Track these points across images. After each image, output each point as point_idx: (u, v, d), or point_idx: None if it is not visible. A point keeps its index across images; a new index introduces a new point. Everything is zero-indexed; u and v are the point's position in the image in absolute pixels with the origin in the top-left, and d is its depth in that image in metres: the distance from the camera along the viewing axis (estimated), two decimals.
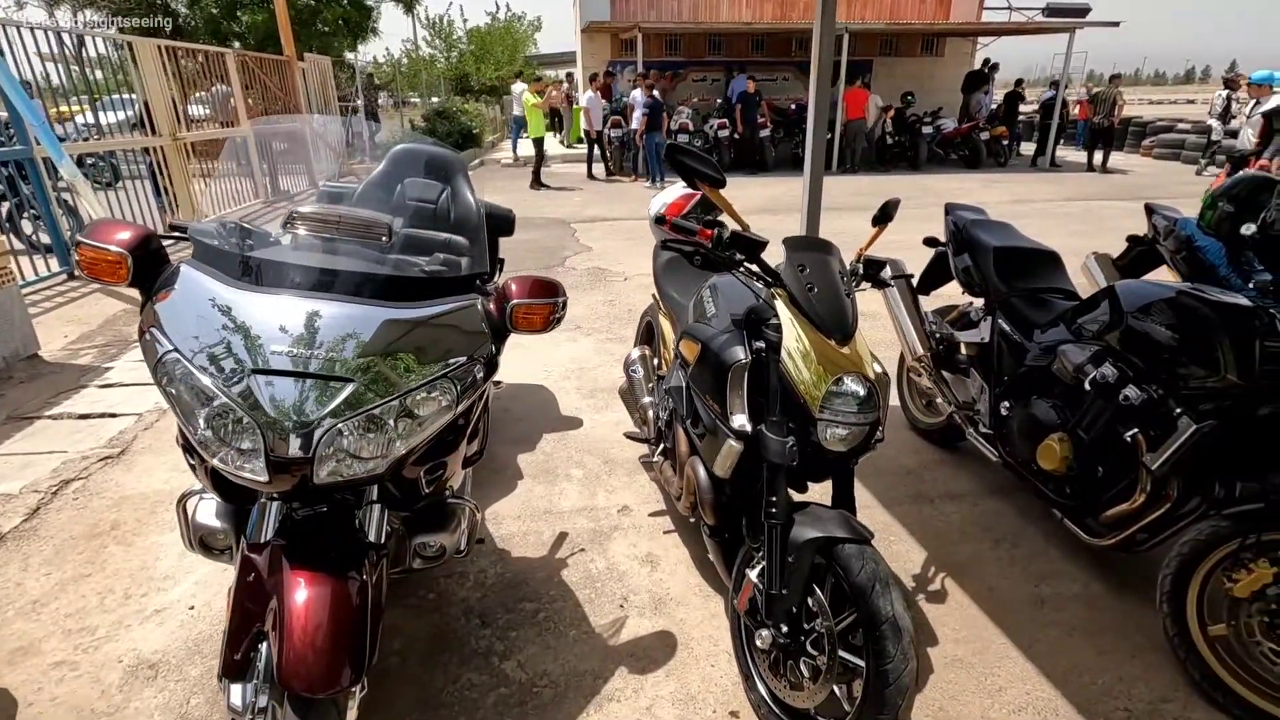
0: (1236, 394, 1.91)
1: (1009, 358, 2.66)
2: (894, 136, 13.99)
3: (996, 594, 2.32)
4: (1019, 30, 16.21)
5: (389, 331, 1.61)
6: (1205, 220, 3.05)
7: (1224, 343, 1.91)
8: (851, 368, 1.71)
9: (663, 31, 15.79)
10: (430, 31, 27.01)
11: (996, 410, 2.66)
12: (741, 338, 1.86)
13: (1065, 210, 9.53)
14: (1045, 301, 2.66)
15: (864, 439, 1.75)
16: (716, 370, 1.86)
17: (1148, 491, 2.06)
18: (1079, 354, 2.30)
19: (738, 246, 1.77)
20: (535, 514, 2.75)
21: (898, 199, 2.15)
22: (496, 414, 3.55)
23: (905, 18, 16.50)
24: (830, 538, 1.64)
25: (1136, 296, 2.19)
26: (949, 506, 2.80)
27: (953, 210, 3.18)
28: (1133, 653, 2.07)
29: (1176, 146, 15.12)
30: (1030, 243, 2.91)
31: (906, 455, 3.19)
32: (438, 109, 17.62)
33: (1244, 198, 2.88)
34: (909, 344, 2.99)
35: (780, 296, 1.79)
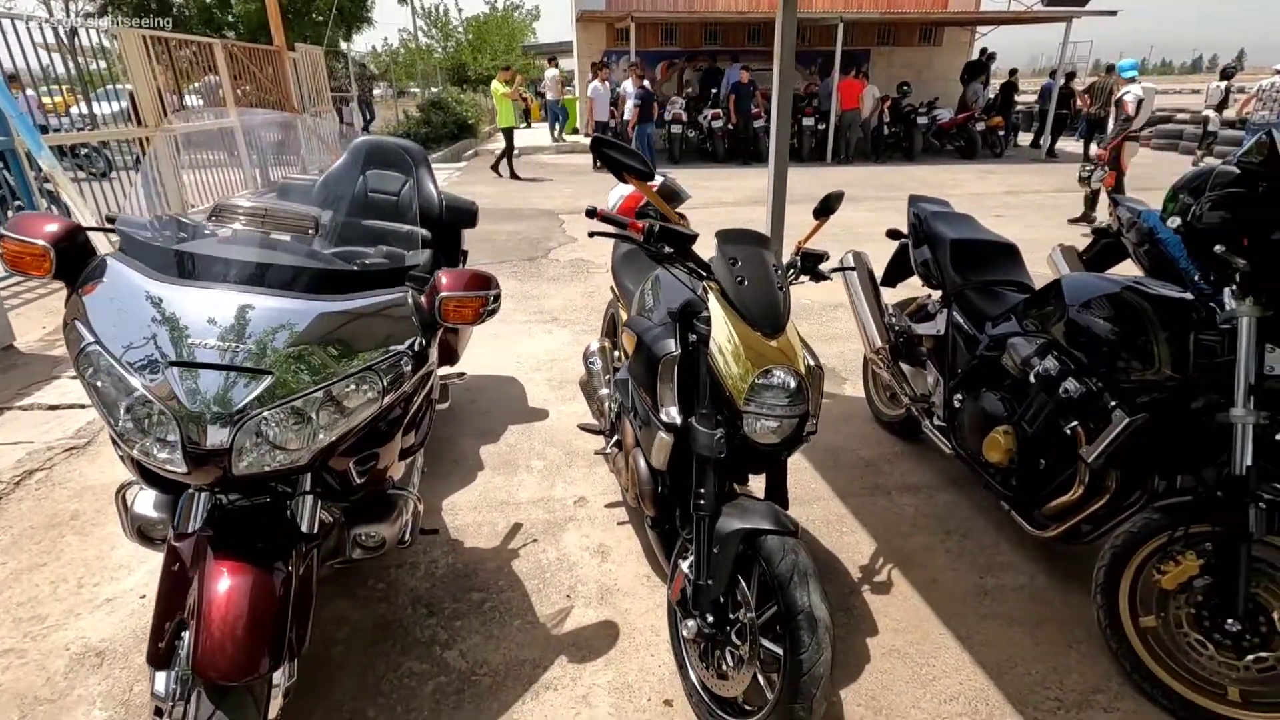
0: (1171, 387, 1.92)
1: (962, 350, 2.67)
2: (890, 127, 13.92)
3: (941, 585, 2.33)
4: (1017, 19, 16.09)
5: (318, 325, 1.62)
6: (1167, 213, 3.05)
7: (1159, 335, 1.92)
8: (781, 360, 1.72)
9: (657, 20, 15.70)
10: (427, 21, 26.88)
11: (950, 402, 2.67)
12: (674, 330, 1.87)
13: (1056, 202, 9.49)
14: (999, 294, 2.66)
15: (794, 431, 1.76)
16: (649, 363, 1.87)
17: (1086, 484, 2.07)
18: (1026, 347, 2.30)
19: (667, 240, 1.77)
20: (492, 505, 2.77)
21: (840, 192, 2.15)
22: (463, 405, 3.57)
23: (902, 7, 16.37)
24: (754, 529, 1.66)
25: (1081, 290, 2.19)
26: (905, 498, 2.81)
27: (915, 202, 3.18)
28: (1069, 644, 2.09)
29: (1174, 137, 15.03)
30: (988, 235, 2.91)
31: (868, 447, 3.20)
32: (433, 99, 17.57)
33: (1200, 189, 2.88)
34: (868, 336, 3.00)
35: (711, 289, 1.80)
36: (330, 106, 13.81)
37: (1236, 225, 1.71)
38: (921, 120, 13.70)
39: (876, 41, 16.98)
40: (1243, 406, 1.72)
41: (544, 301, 5.30)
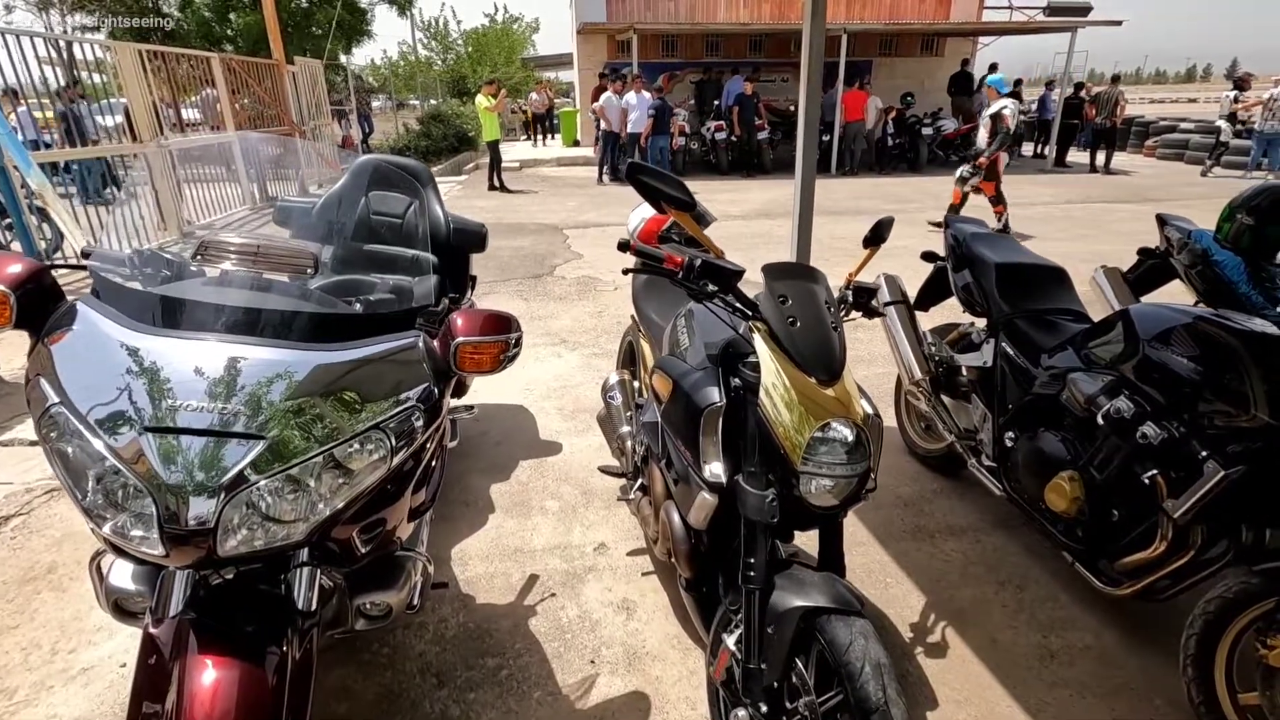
0: (1268, 434, 1.72)
1: (1013, 384, 2.47)
2: (894, 138, 13.79)
3: (1000, 646, 2.12)
4: (1020, 30, 16.02)
5: (317, 377, 1.43)
6: (1223, 233, 2.86)
7: (1253, 376, 1.72)
8: (838, 411, 1.52)
9: (659, 32, 15.61)
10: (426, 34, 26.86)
11: (1000, 441, 2.47)
12: (717, 376, 1.67)
13: (1068, 214, 9.34)
14: (1053, 323, 2.46)
15: (853, 491, 1.56)
16: (689, 412, 1.67)
17: (1169, 540, 1.87)
18: (1091, 384, 2.11)
19: (709, 277, 1.58)
20: (505, 553, 2.56)
21: (891, 218, 1.96)
22: (472, 437, 3.37)
23: (905, 17, 16.31)
24: (815, 607, 1.45)
25: (1153, 322, 1.99)
26: (950, 543, 2.60)
27: (952, 223, 2.99)
28: (1152, 717, 1.88)
29: (1180, 146, 14.92)
30: (1035, 258, 2.71)
31: (905, 484, 2.99)
32: (433, 112, 17.47)
33: (1265, 209, 2.69)
34: (906, 367, 2.80)
35: (758, 330, 1.60)
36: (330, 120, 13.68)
37: None
38: (926, 131, 13.57)
39: (879, 52, 16.90)
40: None
41: (551, 322, 5.11)
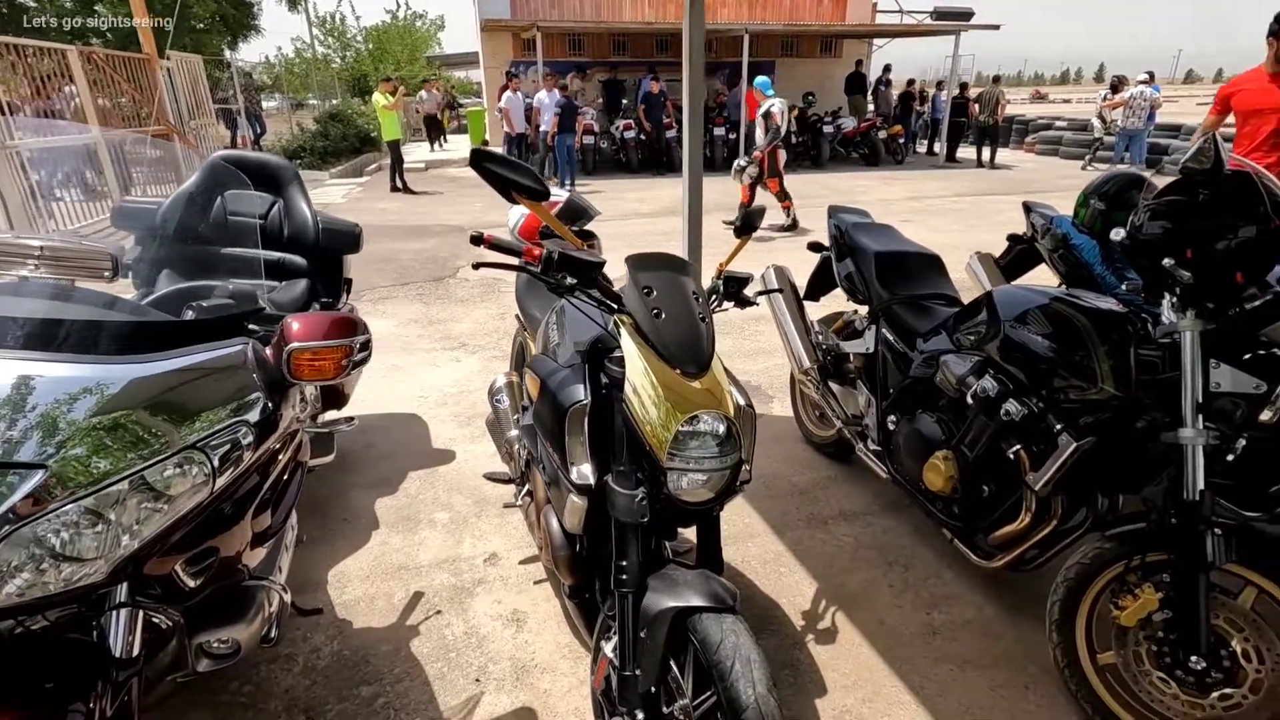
0: (1115, 406, 1.81)
1: (894, 369, 2.53)
2: (798, 136, 14.18)
3: (888, 627, 2.16)
4: (909, 32, 16.82)
5: (131, 394, 1.27)
6: (1079, 218, 3.03)
7: (1099, 351, 1.81)
8: (708, 403, 1.48)
9: (564, 30, 15.46)
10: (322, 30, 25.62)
11: (884, 425, 2.52)
12: (583, 374, 1.60)
13: (958, 206, 9.85)
14: (927, 308, 2.54)
15: (726, 483, 1.52)
16: (555, 412, 1.60)
17: (1033, 511, 1.94)
18: (961, 365, 2.17)
19: (568, 270, 1.50)
20: (388, 571, 2.40)
21: (762, 208, 1.95)
22: (356, 451, 3.17)
23: (804, 19, 16.81)
24: (687, 608, 1.41)
25: (1012, 304, 2.07)
26: (842, 528, 2.64)
27: (835, 213, 3.05)
28: (1026, 685, 1.95)
29: (1056, 143, 16.06)
30: (912, 246, 2.80)
31: (801, 473, 3.02)
32: (331, 111, 16.67)
33: (1114, 195, 2.86)
34: (795, 356, 2.83)
35: (623, 324, 1.54)
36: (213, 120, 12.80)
37: (1179, 235, 1.60)
38: (827, 129, 14.04)
39: (780, 53, 17.35)
40: (1192, 427, 1.62)
41: (451, 326, 4.92)
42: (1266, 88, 3.75)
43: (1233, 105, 3.90)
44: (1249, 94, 3.82)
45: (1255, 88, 3.78)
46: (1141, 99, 12.06)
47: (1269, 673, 1.57)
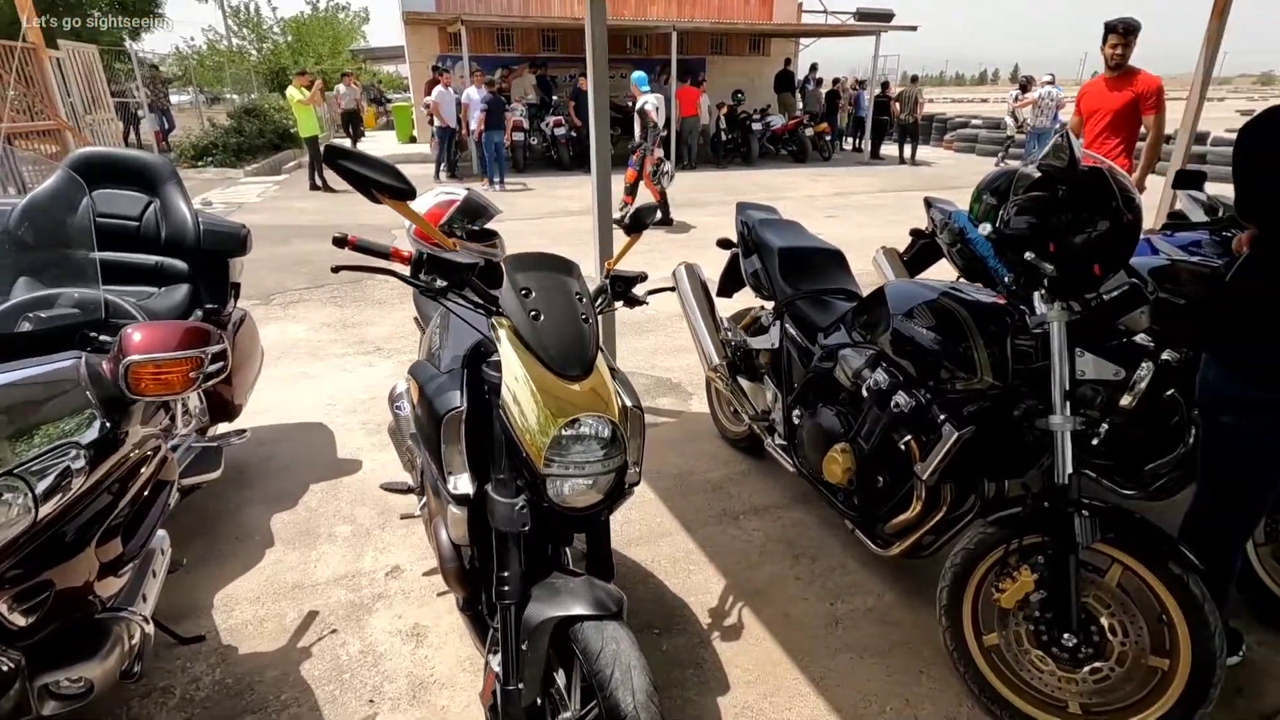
0: (995, 395, 1.87)
1: (797, 363, 2.56)
2: (728, 133, 14.37)
3: (792, 620, 2.18)
4: (833, 32, 17.25)
5: None
6: (973, 213, 3.15)
7: (978, 342, 1.86)
8: (591, 406, 1.44)
9: (491, 25, 15.18)
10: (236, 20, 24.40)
11: (789, 419, 2.55)
12: (461, 379, 1.55)
13: (880, 201, 10.16)
14: (828, 303, 2.58)
15: (612, 487, 1.49)
16: (432, 419, 1.53)
17: (924, 500, 1.99)
18: (856, 358, 2.21)
19: (439, 272, 1.44)
20: (281, 591, 2.28)
21: (652, 205, 1.93)
22: (253, 465, 3.01)
23: (732, 18, 17.01)
24: (567, 617, 1.37)
25: (902, 298, 2.12)
26: (753, 522, 2.66)
27: (743, 210, 3.07)
28: (920, 669, 2.00)
29: (972, 140, 16.78)
30: (815, 242, 2.84)
31: (716, 468, 3.04)
32: (247, 106, 15.89)
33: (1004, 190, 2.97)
34: (705, 353, 2.83)
35: (501, 327, 1.49)
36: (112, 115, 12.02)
37: (1042, 230, 1.67)
38: (756, 127, 14.26)
39: (710, 51, 17.53)
40: (1060, 414, 1.69)
41: (366, 329, 4.74)
42: (1103, 90, 4.19)
43: (1079, 107, 4.36)
44: (1091, 97, 4.32)
45: (1095, 91, 4.29)
46: (1049, 99, 12.70)
47: (1132, 645, 1.65)
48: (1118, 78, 4.15)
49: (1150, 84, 4.11)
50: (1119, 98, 4.13)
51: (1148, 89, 4.10)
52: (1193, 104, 4.27)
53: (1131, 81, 4.12)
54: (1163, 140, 4.34)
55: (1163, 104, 4.16)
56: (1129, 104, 4.11)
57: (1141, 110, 4.11)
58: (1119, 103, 4.13)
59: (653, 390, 3.82)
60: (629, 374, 4.02)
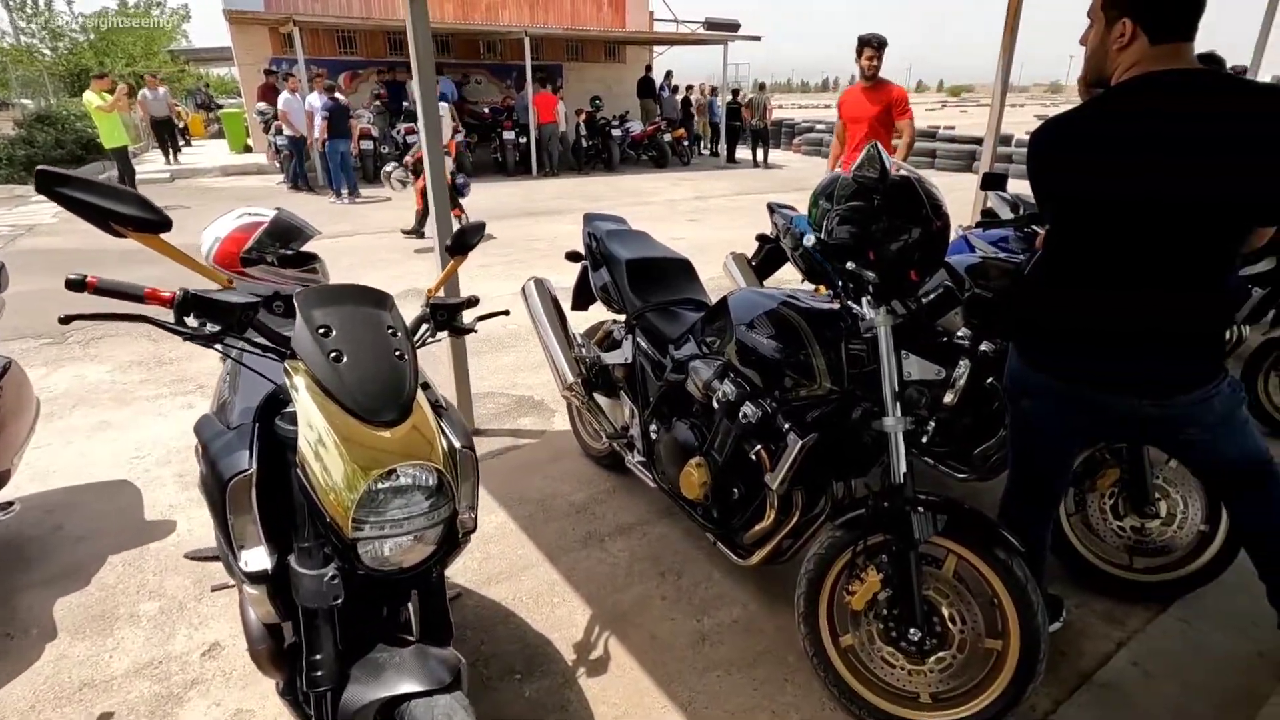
0: (835, 400, 1.90)
1: (651, 377, 2.52)
2: (588, 140, 14.37)
3: (660, 641, 2.12)
4: (684, 40, 17.77)
5: None
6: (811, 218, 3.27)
7: (815, 349, 1.89)
8: (410, 453, 1.29)
9: (328, 27, 14.24)
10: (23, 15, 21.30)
11: (647, 434, 2.50)
12: (251, 436, 1.34)
13: (737, 204, 10.53)
14: (677, 314, 2.55)
15: (442, 540, 1.35)
16: (216, 485, 1.32)
17: (776, 508, 2.00)
18: (706, 370, 2.19)
19: (207, 314, 1.23)
20: (64, 694, 1.92)
21: (479, 224, 1.80)
22: (36, 539, 2.54)
23: (585, 24, 17.06)
24: (392, 698, 1.22)
25: (745, 307, 2.12)
26: (619, 543, 2.59)
27: (590, 221, 2.99)
28: (785, 678, 2.00)
29: (818, 144, 17.87)
30: (663, 251, 2.81)
31: (580, 489, 2.94)
32: (40, 113, 13.89)
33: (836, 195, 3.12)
34: (559, 371, 2.73)
35: (295, 372, 1.30)
36: None
37: (862, 238, 1.71)
38: (616, 133, 14.36)
39: (566, 57, 17.49)
40: (891, 415, 1.74)
41: (187, 365, 4.21)
42: (860, 99, 4.62)
43: (841, 114, 4.77)
44: (849, 105, 4.78)
45: (853, 100, 4.67)
46: None
47: (970, 631, 1.73)
48: (872, 88, 4.52)
49: (899, 93, 4.53)
50: (875, 106, 4.50)
51: (898, 98, 4.51)
52: (995, 110, 4.72)
53: (883, 91, 4.50)
54: (914, 140, 4.78)
55: (910, 110, 4.58)
56: (884, 110, 4.49)
57: (895, 116, 4.50)
58: (876, 110, 4.50)
59: (514, 410, 3.66)
60: (487, 394, 3.87)
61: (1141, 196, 1.47)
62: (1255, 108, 1.37)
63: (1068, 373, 1.67)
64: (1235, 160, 1.38)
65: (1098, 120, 1.55)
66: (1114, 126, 1.51)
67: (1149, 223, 1.48)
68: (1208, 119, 1.40)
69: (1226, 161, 1.39)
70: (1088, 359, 1.63)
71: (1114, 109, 1.53)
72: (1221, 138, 1.38)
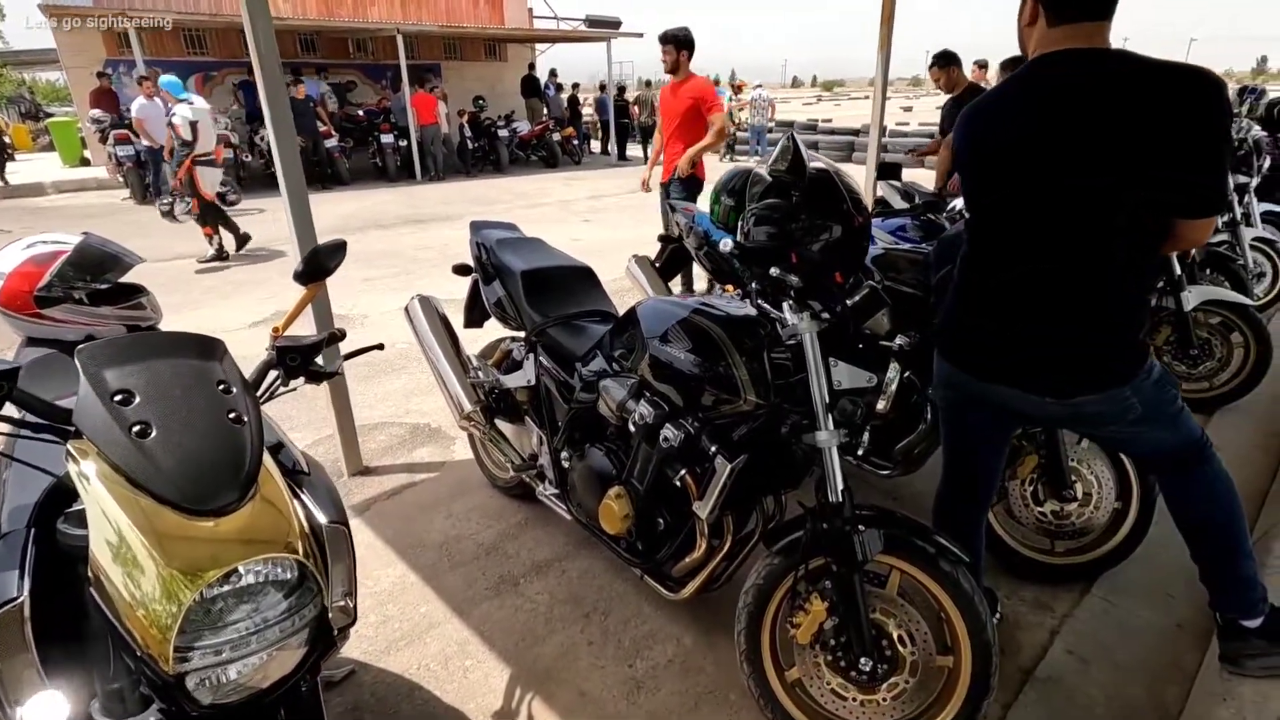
0: (761, 414, 1.75)
1: (559, 399, 2.28)
2: (474, 141, 13.82)
3: (590, 698, 1.90)
4: (566, 38, 17.48)
5: None
6: (714, 215, 3.13)
7: (737, 361, 1.72)
8: (255, 545, 1.00)
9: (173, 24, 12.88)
10: None
11: (558, 463, 2.27)
12: (22, 551, 1.01)
13: (632, 202, 10.40)
14: (582, 328, 2.33)
15: (310, 642, 1.07)
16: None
17: (707, 536, 1.83)
18: (619, 390, 1.98)
19: None
20: None
21: (337, 243, 1.50)
22: None
23: (461, 21, 16.41)
24: None
25: (657, 318, 1.93)
26: (536, 585, 2.34)
27: (478, 230, 2.71)
28: (729, 717, 1.83)
29: None
30: (562, 260, 2.58)
31: (488, 526, 2.66)
32: None
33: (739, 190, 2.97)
34: (454, 399, 2.44)
35: (83, 456, 0.98)
36: None
37: (782, 239, 1.55)
38: (503, 133, 13.90)
39: (444, 55, 16.78)
40: (824, 429, 1.60)
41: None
42: (667, 96, 4.59)
43: (660, 110, 4.76)
44: (662, 102, 4.67)
45: (663, 96, 4.64)
46: (762, 100, 14.12)
47: (920, 651, 1.62)
48: (679, 84, 4.41)
49: (704, 90, 4.42)
50: (683, 101, 4.39)
51: (703, 94, 4.38)
52: (877, 101, 4.81)
53: (689, 86, 4.38)
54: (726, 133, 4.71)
55: (719, 104, 4.46)
56: (692, 107, 4.36)
57: (706, 111, 4.36)
58: (684, 105, 4.38)
59: (408, 442, 3.31)
60: (377, 425, 3.49)
61: (1020, 185, 1.43)
62: (1142, 90, 1.31)
63: (979, 370, 1.62)
64: (1114, 146, 1.33)
65: (992, 103, 1.53)
66: (1002, 110, 1.49)
67: (1035, 212, 1.44)
68: (1089, 102, 1.34)
69: (1104, 147, 1.33)
70: (994, 356, 1.58)
71: (1006, 92, 1.50)
72: (1101, 122, 1.33)
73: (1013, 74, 1.52)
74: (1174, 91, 1.29)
